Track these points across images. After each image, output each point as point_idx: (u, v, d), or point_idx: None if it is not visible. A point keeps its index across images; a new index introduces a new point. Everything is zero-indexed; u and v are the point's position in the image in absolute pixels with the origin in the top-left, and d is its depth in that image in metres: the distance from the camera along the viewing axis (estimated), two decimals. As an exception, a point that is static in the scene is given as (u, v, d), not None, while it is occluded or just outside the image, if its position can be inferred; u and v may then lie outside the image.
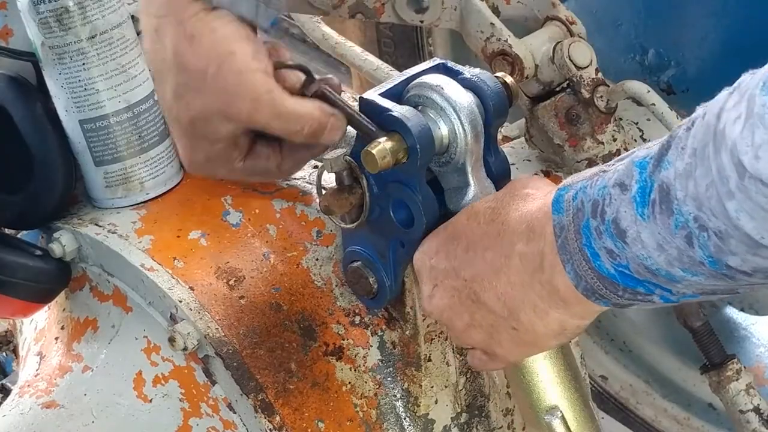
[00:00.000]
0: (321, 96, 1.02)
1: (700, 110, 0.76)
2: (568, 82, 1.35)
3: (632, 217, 0.78)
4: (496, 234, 0.90)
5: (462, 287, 0.93)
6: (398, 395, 1.13)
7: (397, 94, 1.01)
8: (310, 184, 1.20)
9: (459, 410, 1.15)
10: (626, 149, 1.41)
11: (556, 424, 1.02)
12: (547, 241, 0.86)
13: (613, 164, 0.84)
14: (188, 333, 1.08)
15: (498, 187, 1.05)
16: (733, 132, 0.70)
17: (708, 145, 0.72)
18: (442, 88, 0.99)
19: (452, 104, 0.98)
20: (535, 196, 0.91)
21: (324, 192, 1.03)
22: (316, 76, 1.03)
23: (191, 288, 1.11)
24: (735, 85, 0.73)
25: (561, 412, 1.02)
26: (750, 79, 0.71)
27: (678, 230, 0.75)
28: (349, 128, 1.09)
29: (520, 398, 1.06)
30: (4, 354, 1.47)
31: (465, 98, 0.99)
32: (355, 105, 1.02)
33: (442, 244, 0.96)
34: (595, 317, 0.90)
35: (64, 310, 1.23)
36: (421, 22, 1.46)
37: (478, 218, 0.93)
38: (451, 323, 0.97)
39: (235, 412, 1.10)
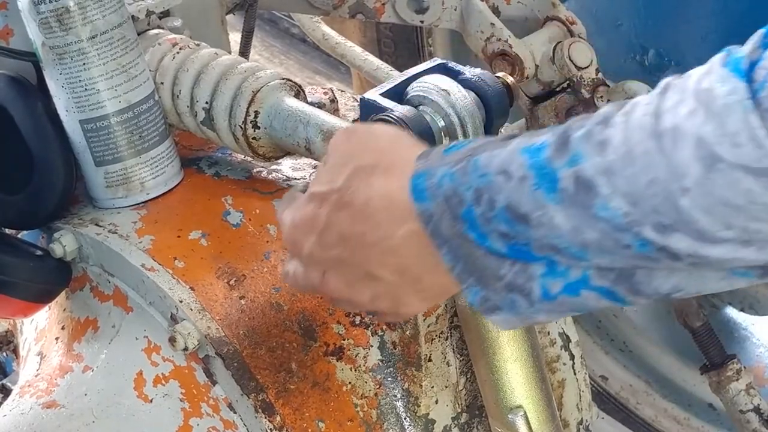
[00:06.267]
0: None
1: (609, 109, 0.78)
2: (568, 82, 1.36)
3: (537, 203, 0.79)
4: (364, 218, 0.89)
5: (355, 269, 0.91)
6: (399, 395, 1.13)
7: (398, 94, 1.01)
8: (311, 184, 1.20)
9: (459, 410, 1.15)
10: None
11: (520, 423, 1.05)
12: (417, 226, 0.86)
13: (480, 148, 0.83)
14: (189, 333, 1.08)
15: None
16: (692, 127, 0.71)
17: (644, 143, 0.74)
18: (445, 91, 0.99)
19: (454, 107, 0.98)
20: (382, 170, 0.88)
21: (325, 192, 1.03)
22: None
23: (192, 288, 1.11)
24: (661, 87, 0.76)
25: (525, 411, 1.04)
26: (685, 77, 0.74)
27: (601, 220, 0.77)
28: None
29: (488, 394, 1.09)
30: (4, 354, 1.47)
31: (467, 102, 0.99)
32: (356, 105, 1.02)
33: (308, 231, 0.92)
34: None
35: (64, 310, 1.23)
36: (422, 22, 1.47)
37: (326, 204, 0.90)
38: (352, 300, 0.95)
39: (235, 412, 1.10)
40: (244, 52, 1.45)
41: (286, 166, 1.24)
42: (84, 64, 1.13)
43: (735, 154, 0.70)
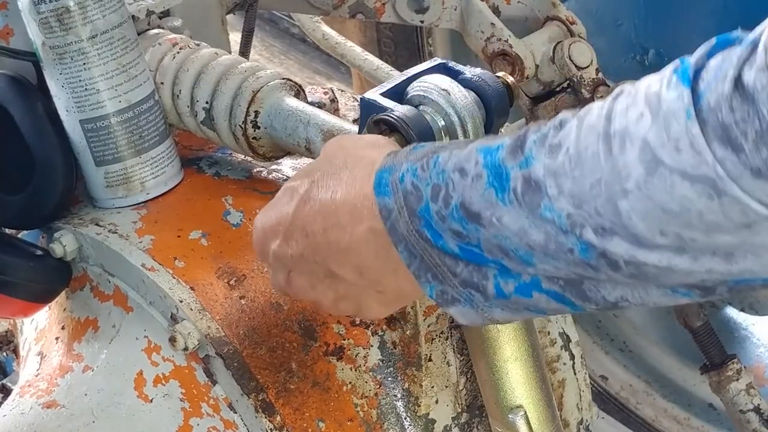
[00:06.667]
0: None
1: (566, 114, 0.78)
2: (568, 82, 1.36)
3: (488, 202, 0.80)
4: (327, 213, 0.90)
5: (317, 268, 0.93)
6: (399, 395, 1.13)
7: (398, 93, 1.01)
8: (311, 184, 1.20)
9: (459, 410, 1.15)
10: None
11: (520, 423, 1.05)
12: (376, 224, 0.87)
13: (444, 148, 0.85)
14: (189, 333, 1.08)
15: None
16: (639, 130, 0.72)
17: (594, 145, 0.74)
18: (446, 91, 0.99)
19: (455, 107, 0.98)
20: (351, 165, 0.90)
21: (325, 192, 1.03)
22: None
23: (192, 288, 1.11)
24: (615, 92, 0.76)
25: (525, 411, 1.05)
26: (639, 83, 0.74)
27: (546, 221, 0.77)
28: (350, 126, 1.09)
29: (488, 394, 1.09)
30: (4, 354, 1.47)
31: (467, 102, 0.99)
32: (356, 105, 1.02)
33: (275, 231, 0.94)
34: None
35: (64, 310, 1.23)
36: (422, 22, 1.47)
37: (296, 196, 0.92)
38: (317, 302, 0.97)
39: (235, 412, 1.10)
40: (244, 52, 1.45)
41: (286, 166, 1.24)
42: (84, 63, 1.14)
43: (675, 159, 0.70)
